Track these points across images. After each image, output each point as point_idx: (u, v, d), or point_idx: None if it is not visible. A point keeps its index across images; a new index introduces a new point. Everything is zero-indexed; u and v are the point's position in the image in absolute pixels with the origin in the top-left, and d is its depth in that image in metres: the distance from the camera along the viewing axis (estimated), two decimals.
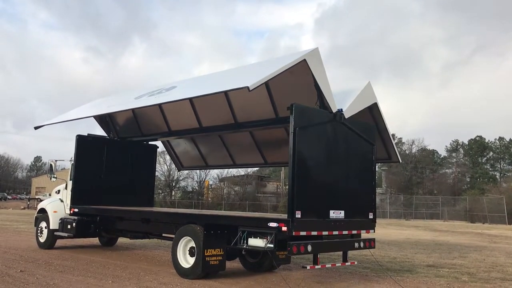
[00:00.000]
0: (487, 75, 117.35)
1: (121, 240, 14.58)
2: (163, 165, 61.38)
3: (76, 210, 12.33)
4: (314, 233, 7.92)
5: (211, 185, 69.06)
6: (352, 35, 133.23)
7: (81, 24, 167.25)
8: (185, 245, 9.01)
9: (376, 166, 9.89)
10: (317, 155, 8.27)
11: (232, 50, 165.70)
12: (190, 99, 11.59)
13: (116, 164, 13.54)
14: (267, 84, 9.96)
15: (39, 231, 13.18)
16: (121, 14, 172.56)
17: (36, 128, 12.62)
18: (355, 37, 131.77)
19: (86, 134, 13.26)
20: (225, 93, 10.73)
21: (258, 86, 7.09)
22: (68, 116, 12.83)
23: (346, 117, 8.85)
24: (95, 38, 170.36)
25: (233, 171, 62.46)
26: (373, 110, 10.30)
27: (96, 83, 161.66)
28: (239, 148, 13.71)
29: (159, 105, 11.87)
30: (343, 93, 9.40)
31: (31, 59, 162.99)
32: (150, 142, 14.64)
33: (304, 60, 8.07)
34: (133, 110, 12.98)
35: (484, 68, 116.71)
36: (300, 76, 8.56)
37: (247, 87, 6.88)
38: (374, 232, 9.28)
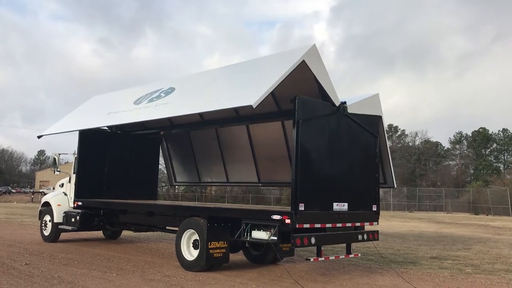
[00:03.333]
0: (502, 66, 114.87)
1: (125, 233, 14.64)
2: None
3: (79, 203, 12.38)
4: (317, 225, 7.93)
5: None
6: (368, 24, 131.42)
7: (92, 15, 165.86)
8: (188, 238, 9.04)
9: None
10: (320, 147, 8.26)
11: (244, 41, 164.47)
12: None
13: (119, 157, 13.57)
14: None
15: (43, 225, 13.24)
16: (133, 5, 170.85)
17: (39, 137, 12.90)
18: (371, 26, 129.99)
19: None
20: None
21: (260, 102, 7.17)
22: (69, 122, 13.03)
23: None
24: (106, 30, 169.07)
25: None
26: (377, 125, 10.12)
27: (106, 75, 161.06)
28: (236, 165, 13.75)
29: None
30: (347, 99, 9.33)
31: (40, 51, 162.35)
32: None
33: (303, 61, 8.04)
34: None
35: (500, 59, 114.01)
36: (301, 72, 8.53)
37: (251, 106, 6.98)
38: (378, 224, 9.29)
